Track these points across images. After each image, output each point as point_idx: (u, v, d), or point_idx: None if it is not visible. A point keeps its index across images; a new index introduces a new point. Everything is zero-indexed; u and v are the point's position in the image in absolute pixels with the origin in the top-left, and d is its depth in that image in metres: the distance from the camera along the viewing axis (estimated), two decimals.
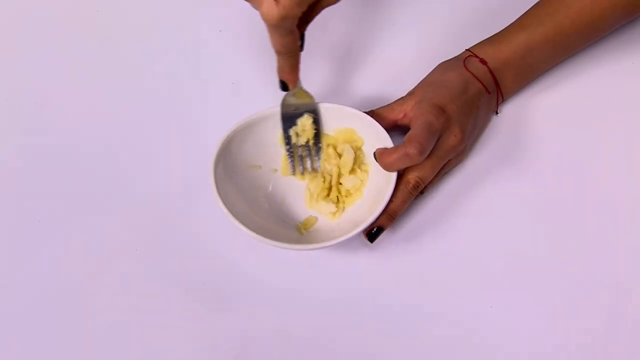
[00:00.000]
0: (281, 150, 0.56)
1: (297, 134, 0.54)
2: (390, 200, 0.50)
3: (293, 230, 0.54)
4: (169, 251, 0.55)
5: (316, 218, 0.54)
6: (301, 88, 0.53)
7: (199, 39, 0.65)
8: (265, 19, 0.43)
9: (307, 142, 0.55)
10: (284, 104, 0.54)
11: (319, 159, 0.55)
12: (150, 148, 0.59)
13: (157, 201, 0.57)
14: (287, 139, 0.55)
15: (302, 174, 0.55)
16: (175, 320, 0.52)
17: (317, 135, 0.55)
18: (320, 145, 0.55)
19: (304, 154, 0.55)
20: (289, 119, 0.54)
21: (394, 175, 0.50)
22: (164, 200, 0.57)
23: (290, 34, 0.46)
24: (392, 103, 0.55)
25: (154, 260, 0.54)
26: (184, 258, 0.54)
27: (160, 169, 0.58)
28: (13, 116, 0.62)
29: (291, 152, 0.55)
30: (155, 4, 0.67)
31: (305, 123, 0.54)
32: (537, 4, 0.56)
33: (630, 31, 0.61)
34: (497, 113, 0.58)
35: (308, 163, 0.55)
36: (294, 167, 0.55)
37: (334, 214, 0.54)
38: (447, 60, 0.57)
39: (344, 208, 0.54)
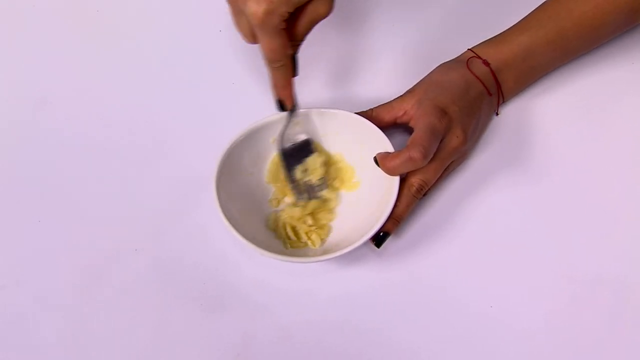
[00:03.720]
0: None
1: (305, 170, 0.54)
2: (395, 205, 0.50)
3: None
4: (169, 251, 0.55)
5: None
6: (297, 117, 0.52)
7: (199, 39, 0.65)
8: (250, 15, 0.43)
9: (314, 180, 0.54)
10: (282, 139, 0.53)
11: (321, 189, 0.54)
12: (150, 148, 0.59)
13: (157, 201, 0.57)
14: (291, 177, 0.54)
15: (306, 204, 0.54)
16: (175, 320, 0.52)
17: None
18: (326, 180, 0.55)
19: (308, 188, 0.54)
20: (290, 154, 0.53)
21: (396, 180, 0.50)
22: (164, 200, 0.57)
23: (278, 36, 0.44)
24: (391, 101, 0.55)
25: (154, 260, 0.54)
26: (184, 258, 0.54)
27: (159, 169, 0.58)
28: (13, 116, 0.62)
29: (295, 188, 0.54)
30: (155, 4, 0.67)
31: (316, 162, 0.54)
32: (539, 6, 0.56)
33: (631, 33, 0.61)
34: (497, 114, 0.58)
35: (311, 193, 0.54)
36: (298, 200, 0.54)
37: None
38: (448, 61, 0.57)
39: (322, 239, 0.53)
